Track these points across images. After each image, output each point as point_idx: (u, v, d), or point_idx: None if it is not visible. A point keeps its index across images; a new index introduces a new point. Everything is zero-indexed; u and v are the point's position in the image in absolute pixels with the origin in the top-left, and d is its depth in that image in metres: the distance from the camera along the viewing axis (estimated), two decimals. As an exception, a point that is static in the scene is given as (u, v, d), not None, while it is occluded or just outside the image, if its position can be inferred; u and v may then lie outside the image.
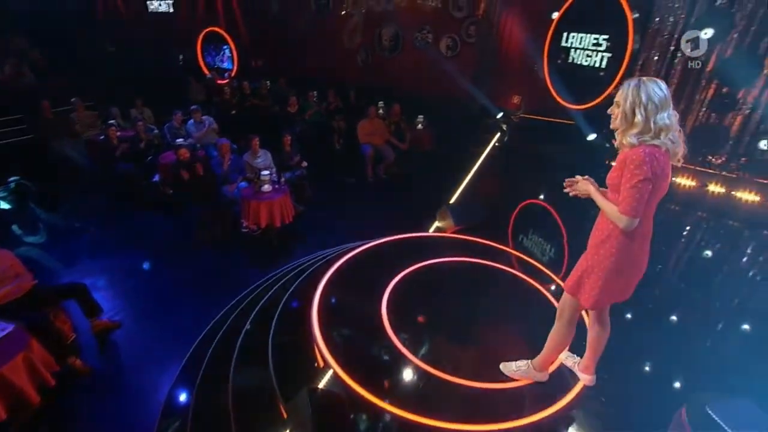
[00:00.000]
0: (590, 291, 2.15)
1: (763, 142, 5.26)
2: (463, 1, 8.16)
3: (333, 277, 3.65)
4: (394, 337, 2.98)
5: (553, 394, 2.59)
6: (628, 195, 1.88)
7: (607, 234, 2.06)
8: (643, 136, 1.87)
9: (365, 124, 7.68)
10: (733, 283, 4.11)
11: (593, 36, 5.79)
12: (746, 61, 5.06)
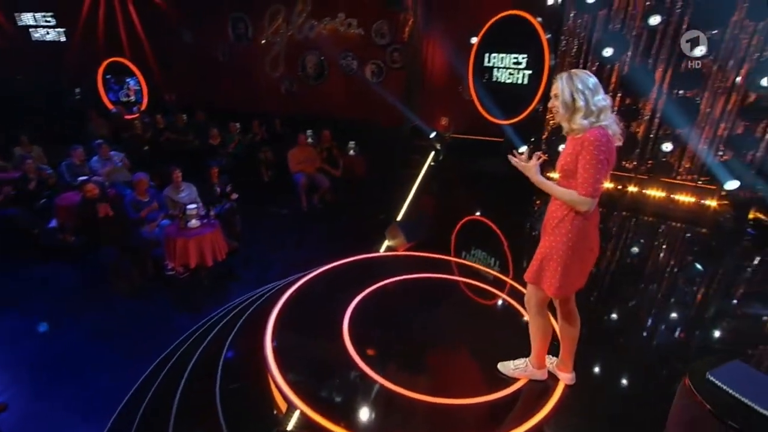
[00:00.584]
0: (551, 278, 2.16)
1: (666, 144, 5.92)
2: (386, 29, 8.45)
3: (284, 311, 3.29)
4: (364, 366, 2.70)
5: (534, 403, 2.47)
6: (589, 176, 1.95)
7: (562, 218, 2.10)
8: (589, 117, 1.97)
9: (296, 153, 7.45)
10: (658, 274, 4.42)
11: (513, 55, 6.24)
12: (642, 76, 5.74)
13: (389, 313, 3.35)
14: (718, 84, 5.48)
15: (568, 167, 2.05)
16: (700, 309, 3.77)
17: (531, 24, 5.91)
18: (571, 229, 2.08)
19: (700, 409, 1.60)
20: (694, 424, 1.63)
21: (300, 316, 3.28)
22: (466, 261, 4.26)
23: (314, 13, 8.76)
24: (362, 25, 8.58)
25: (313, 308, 3.39)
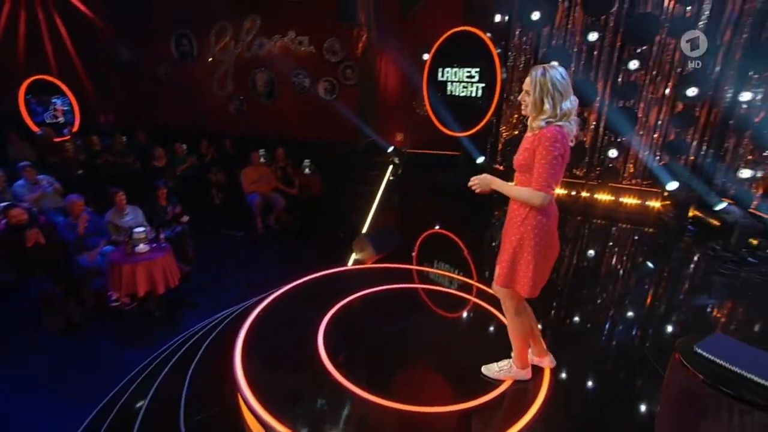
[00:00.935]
0: (524, 278, 2.18)
1: (611, 151, 6.32)
2: (337, 46, 8.49)
3: (252, 333, 3.05)
4: (345, 382, 2.53)
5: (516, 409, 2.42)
6: (544, 171, 2.00)
7: (524, 217, 2.15)
8: (550, 119, 2.03)
9: (249, 172, 7.19)
10: (614, 274, 4.62)
11: (466, 69, 6.46)
12: (585, 88, 6.14)
13: (364, 327, 3.22)
14: (650, 95, 5.97)
15: (525, 162, 2.09)
16: (659, 302, 3.96)
17: (481, 39, 6.17)
18: (536, 225, 2.12)
19: (693, 381, 1.64)
20: (689, 395, 1.66)
21: (271, 336, 3.05)
22: (435, 270, 4.22)
23: (264, 30, 8.66)
24: (313, 42, 8.59)
25: (284, 327, 3.17)
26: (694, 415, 1.62)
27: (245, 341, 2.93)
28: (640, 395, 2.62)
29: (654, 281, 4.44)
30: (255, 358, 2.75)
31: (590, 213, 6.26)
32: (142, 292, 4.07)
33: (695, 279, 4.54)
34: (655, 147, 6.03)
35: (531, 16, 6.06)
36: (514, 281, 2.22)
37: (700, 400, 1.60)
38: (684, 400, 1.68)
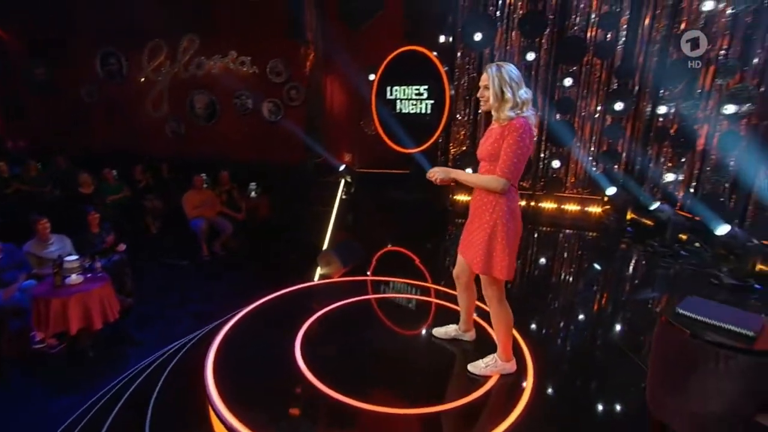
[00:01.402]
0: (501, 262, 2.28)
1: (554, 161, 6.73)
2: (281, 67, 8.40)
3: (222, 359, 2.76)
4: (332, 392, 2.36)
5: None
6: (509, 159, 2.15)
7: (493, 205, 2.26)
8: (515, 109, 2.17)
9: (192, 196, 6.74)
10: (569, 278, 4.84)
11: (414, 87, 6.64)
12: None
13: (342, 338, 3.12)
14: (583, 110, 6.49)
15: (494, 152, 2.21)
16: (617, 297, 4.17)
17: (429, 58, 6.40)
18: (506, 211, 2.24)
19: (681, 337, 1.77)
20: (680, 351, 1.78)
21: (245, 358, 2.80)
22: (400, 279, 4.15)
23: (203, 50, 8.35)
24: (256, 63, 8.43)
25: (258, 348, 2.94)
26: (685, 368, 1.76)
27: (216, 367, 2.64)
28: (620, 385, 2.68)
29: (607, 279, 4.70)
30: (232, 383, 2.49)
31: (537, 221, 6.56)
32: (75, 329, 3.56)
33: (642, 273, 4.87)
34: (592, 156, 6.51)
35: (473, 37, 6.40)
36: (491, 267, 2.30)
37: (689, 354, 1.74)
38: (675, 356, 1.81)
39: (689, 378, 1.75)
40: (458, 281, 2.73)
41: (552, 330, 3.47)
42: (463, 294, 2.76)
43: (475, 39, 6.41)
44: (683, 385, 1.78)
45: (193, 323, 3.91)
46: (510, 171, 2.16)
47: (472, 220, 2.40)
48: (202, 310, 4.29)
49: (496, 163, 2.20)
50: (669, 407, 1.85)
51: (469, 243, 2.43)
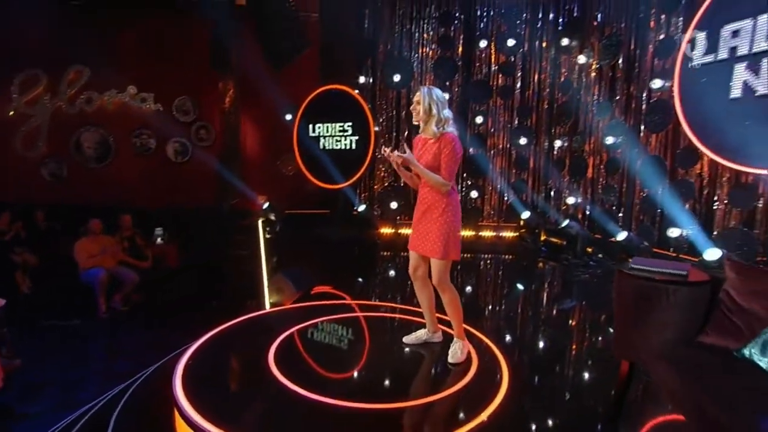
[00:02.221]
0: (455, 247, 2.73)
1: (473, 192, 7.29)
2: (189, 105, 7.97)
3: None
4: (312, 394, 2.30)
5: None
6: (449, 167, 2.63)
7: (445, 202, 2.70)
8: (439, 124, 2.64)
9: (88, 244, 5.81)
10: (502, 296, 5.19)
11: (339, 124, 6.78)
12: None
13: (312, 356, 3.05)
14: (492, 144, 7.27)
15: (435, 163, 2.65)
16: (556, 304, 4.56)
17: (351, 96, 6.67)
18: (455, 206, 2.74)
19: (637, 281, 2.21)
20: (636, 293, 2.22)
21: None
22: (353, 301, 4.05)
23: (94, 83, 7.55)
24: (160, 100, 7.87)
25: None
26: (642, 305, 2.17)
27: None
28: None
29: (538, 293, 5.12)
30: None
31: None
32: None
33: (564, 283, 5.41)
34: (505, 186, 7.22)
35: (393, 78, 6.87)
36: (449, 252, 2.70)
37: (645, 295, 2.16)
38: (633, 297, 2.23)
39: (647, 316, 2.16)
40: (415, 275, 2.96)
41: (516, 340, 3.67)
42: (422, 291, 2.99)
43: (394, 80, 6.89)
44: (643, 322, 2.17)
45: (100, 385, 3.25)
46: (451, 175, 2.66)
47: (422, 219, 2.79)
48: (111, 369, 3.60)
49: (434, 169, 2.66)
50: (633, 346, 2.24)
51: (422, 237, 2.78)
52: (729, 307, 1.98)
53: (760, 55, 3.99)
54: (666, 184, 5.16)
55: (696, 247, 4.73)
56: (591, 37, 6.33)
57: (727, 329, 1.94)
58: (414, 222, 2.86)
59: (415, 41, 7.24)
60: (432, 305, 3.03)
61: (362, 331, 3.52)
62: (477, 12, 7.08)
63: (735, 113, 4.17)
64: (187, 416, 2.19)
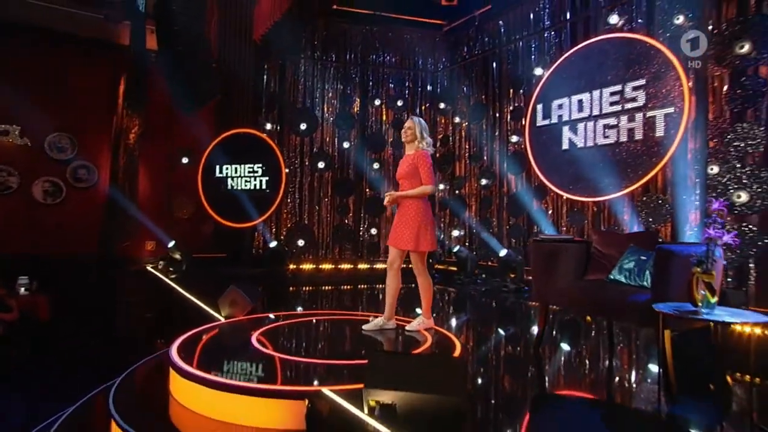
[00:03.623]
0: (425, 238, 3.42)
1: (373, 229, 8.11)
2: (66, 141, 7.37)
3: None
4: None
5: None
6: (428, 174, 3.43)
7: (416, 209, 3.44)
8: (420, 144, 3.50)
9: (-65, 292, 4.90)
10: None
11: (248, 165, 7.08)
12: (344, 182, 7.91)
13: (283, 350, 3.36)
14: (387, 188, 8.31)
15: (411, 171, 3.46)
16: (462, 315, 5.44)
17: (259, 139, 7.12)
18: (425, 208, 3.47)
19: (545, 245, 3.35)
20: (545, 253, 3.32)
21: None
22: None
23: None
24: (28, 134, 7.11)
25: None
26: (549, 260, 3.27)
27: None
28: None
29: (447, 305, 6.00)
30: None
31: (358, 281, 7.53)
32: None
33: (463, 298, 6.34)
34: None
35: (300, 127, 7.56)
36: (420, 244, 3.40)
37: (551, 252, 3.30)
38: (543, 256, 3.34)
39: (553, 269, 3.23)
40: (391, 267, 3.55)
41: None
42: (392, 282, 3.56)
43: (301, 128, 7.57)
44: (552, 273, 3.22)
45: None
46: (432, 180, 3.46)
47: (398, 221, 3.49)
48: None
49: (413, 178, 3.45)
50: (547, 290, 3.27)
51: (398, 235, 3.46)
52: (597, 255, 3.16)
53: (576, 121, 5.83)
54: (526, 212, 6.71)
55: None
56: (460, 103, 8.03)
57: (599, 268, 3.10)
58: (392, 225, 3.59)
59: (317, 97, 8.12)
60: (395, 296, 3.57)
61: (314, 328, 3.97)
62: (370, 76, 8.36)
63: (566, 159, 5.90)
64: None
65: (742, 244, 3.66)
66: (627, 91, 5.24)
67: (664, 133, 4.81)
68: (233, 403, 2.46)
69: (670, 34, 4.93)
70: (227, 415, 2.46)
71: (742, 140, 3.98)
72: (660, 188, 5.01)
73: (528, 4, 6.91)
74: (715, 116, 4.35)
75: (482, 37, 7.75)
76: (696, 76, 4.63)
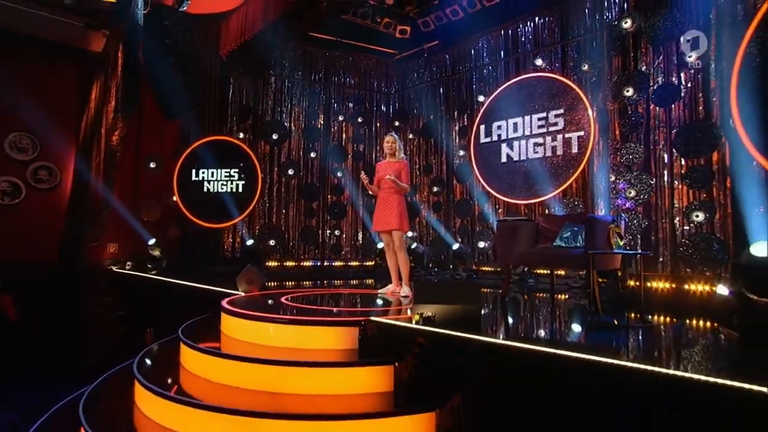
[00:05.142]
0: (407, 222, 4.66)
1: (336, 230, 8.96)
2: (27, 141, 7.35)
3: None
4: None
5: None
6: (407, 179, 4.64)
7: (398, 200, 4.55)
8: (399, 154, 4.67)
9: None
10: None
11: (225, 170, 7.62)
12: (310, 188, 8.75)
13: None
14: (348, 195, 9.27)
15: (392, 172, 4.53)
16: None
17: (235, 145, 7.73)
18: (403, 200, 4.62)
19: (507, 223, 4.77)
20: (507, 230, 4.59)
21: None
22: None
23: None
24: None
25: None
26: (510, 233, 4.55)
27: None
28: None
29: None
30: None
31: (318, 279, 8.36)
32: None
33: (425, 282, 7.39)
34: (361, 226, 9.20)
35: (272, 136, 8.28)
36: (403, 225, 4.50)
37: (511, 227, 4.62)
38: (506, 231, 4.64)
39: (514, 240, 4.45)
40: (388, 248, 4.67)
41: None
42: (391, 259, 4.68)
43: (273, 137, 8.29)
44: (513, 243, 4.42)
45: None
46: (408, 182, 4.67)
47: (383, 210, 4.52)
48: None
49: (398, 179, 4.52)
50: (509, 255, 4.57)
51: (386, 219, 4.49)
52: (543, 230, 4.51)
53: (512, 139, 7.35)
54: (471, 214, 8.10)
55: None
56: (413, 122, 9.33)
57: (545, 239, 4.43)
58: (376, 215, 4.62)
59: (284, 111, 8.91)
60: (396, 268, 4.64)
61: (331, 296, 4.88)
62: (333, 95, 9.35)
63: (505, 170, 7.38)
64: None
65: (631, 223, 5.30)
66: (550, 117, 6.88)
67: (578, 150, 6.46)
68: (301, 332, 3.30)
69: (578, 76, 6.67)
70: (297, 342, 3.27)
71: (629, 155, 5.67)
72: (576, 191, 6.63)
73: (469, 42, 8.43)
74: (611, 138, 6.05)
75: (431, 66, 9.17)
76: (597, 109, 6.35)
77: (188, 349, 3.40)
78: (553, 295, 4.56)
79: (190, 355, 3.39)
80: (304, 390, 2.92)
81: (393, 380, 2.98)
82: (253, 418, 2.57)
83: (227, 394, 2.93)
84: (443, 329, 2.87)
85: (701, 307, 4.30)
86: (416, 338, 2.97)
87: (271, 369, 2.99)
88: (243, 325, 3.56)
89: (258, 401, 2.81)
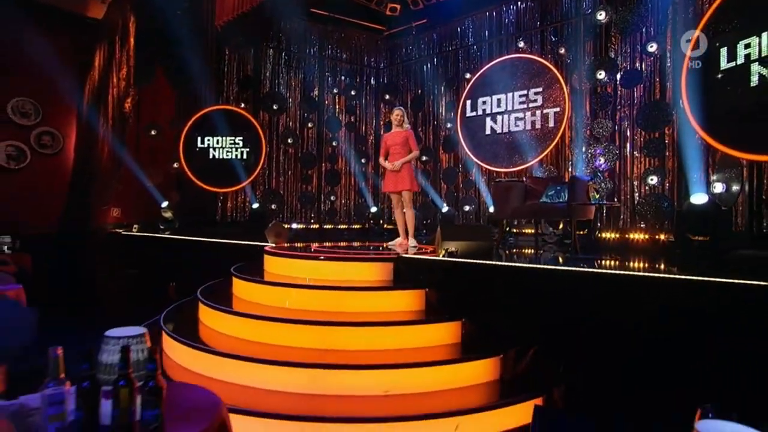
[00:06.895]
0: (417, 183, 5.47)
1: (331, 197, 9.62)
2: (29, 107, 7.48)
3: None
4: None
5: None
6: (414, 144, 5.19)
7: (408, 167, 5.16)
8: (404, 124, 5.28)
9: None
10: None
11: (230, 138, 8.05)
12: (307, 156, 9.32)
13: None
14: (345, 163, 9.90)
15: (402, 142, 5.13)
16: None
17: (240, 114, 8.15)
18: (414, 165, 5.39)
19: (502, 183, 5.39)
20: (503, 190, 5.51)
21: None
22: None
23: None
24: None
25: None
26: (504, 192, 5.66)
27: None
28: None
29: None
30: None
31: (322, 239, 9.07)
32: None
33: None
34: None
35: (272, 107, 8.72)
36: (413, 185, 5.14)
37: (505, 187, 5.71)
38: (501, 190, 5.76)
39: (507, 198, 5.39)
40: (398, 207, 5.29)
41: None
42: (399, 216, 5.31)
43: (274, 108, 8.75)
44: (506, 200, 5.35)
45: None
46: (417, 147, 5.27)
47: (395, 174, 5.10)
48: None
49: (403, 147, 5.10)
50: (504, 210, 5.46)
51: (398, 182, 5.07)
52: (530, 190, 5.43)
53: (496, 114, 8.21)
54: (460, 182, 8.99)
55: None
56: (402, 95, 10.02)
57: (533, 197, 5.34)
58: (388, 178, 5.23)
59: (284, 83, 9.35)
60: (404, 224, 5.32)
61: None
62: (327, 68, 9.84)
63: (489, 141, 8.27)
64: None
65: (600, 186, 6.37)
66: (530, 95, 7.77)
67: (554, 124, 7.41)
68: (347, 267, 4.09)
69: (555, 59, 7.57)
70: (341, 274, 4.05)
71: (600, 129, 6.67)
72: (550, 159, 7.62)
73: (456, 23, 9.13)
74: (584, 114, 7.03)
75: (419, 44, 9.80)
76: (571, 88, 7.29)
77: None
78: (537, 243, 5.54)
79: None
80: (356, 309, 3.72)
81: (424, 301, 3.83)
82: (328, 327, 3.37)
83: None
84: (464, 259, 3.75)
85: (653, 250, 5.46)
86: (442, 268, 3.83)
87: (331, 293, 3.77)
88: (293, 264, 4.29)
89: (326, 317, 3.58)
